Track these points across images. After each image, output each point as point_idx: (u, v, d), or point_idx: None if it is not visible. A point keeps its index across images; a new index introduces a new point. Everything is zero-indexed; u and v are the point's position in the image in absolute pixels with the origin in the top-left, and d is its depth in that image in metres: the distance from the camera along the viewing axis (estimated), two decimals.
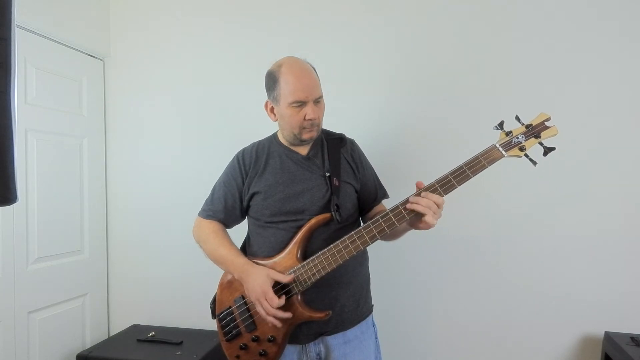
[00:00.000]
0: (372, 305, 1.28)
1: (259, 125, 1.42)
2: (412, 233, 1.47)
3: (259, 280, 1.07)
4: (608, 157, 1.52)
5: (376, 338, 1.26)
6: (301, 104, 1.10)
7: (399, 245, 1.51)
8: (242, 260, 1.14)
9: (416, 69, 1.71)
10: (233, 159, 1.26)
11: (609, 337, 1.47)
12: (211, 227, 1.24)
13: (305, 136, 1.15)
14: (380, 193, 1.28)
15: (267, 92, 1.18)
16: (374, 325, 1.27)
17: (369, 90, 1.75)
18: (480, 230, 1.66)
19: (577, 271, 1.56)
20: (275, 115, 1.18)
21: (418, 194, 1.02)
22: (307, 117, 1.11)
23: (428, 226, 1.01)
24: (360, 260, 1.22)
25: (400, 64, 1.72)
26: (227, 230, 1.28)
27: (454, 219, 1.65)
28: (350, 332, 1.17)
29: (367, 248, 1.09)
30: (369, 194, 1.26)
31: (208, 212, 1.26)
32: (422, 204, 0.99)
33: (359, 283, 1.21)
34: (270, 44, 1.85)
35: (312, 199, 1.15)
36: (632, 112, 1.50)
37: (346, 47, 1.77)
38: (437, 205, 0.99)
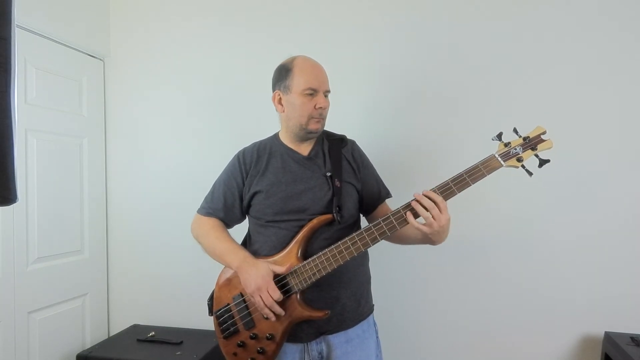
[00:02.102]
0: (373, 305, 1.28)
1: (259, 125, 1.42)
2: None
3: (261, 272, 1.08)
4: (607, 159, 1.53)
5: (377, 337, 1.26)
6: (313, 92, 1.13)
7: (400, 245, 1.51)
8: (244, 253, 1.16)
9: (417, 72, 1.71)
10: (234, 157, 1.27)
11: (609, 337, 1.47)
12: (210, 222, 1.25)
13: (312, 126, 1.16)
14: (383, 192, 1.29)
15: (275, 84, 1.20)
16: (374, 324, 1.27)
17: (370, 92, 1.75)
18: (480, 231, 1.66)
19: (577, 271, 1.56)
20: (283, 106, 1.19)
21: (408, 206, 1.05)
22: (317, 106, 1.14)
23: (431, 230, 1.02)
24: (360, 260, 1.22)
25: (401, 67, 1.72)
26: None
27: (455, 219, 1.64)
28: (352, 331, 1.18)
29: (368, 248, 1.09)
30: (372, 193, 1.26)
31: (208, 210, 1.26)
32: (425, 204, 1.01)
33: (359, 282, 1.21)
34: (270, 44, 1.85)
35: (314, 198, 1.15)
36: (631, 115, 1.50)
37: (346, 49, 1.77)
38: (436, 204, 1.01)
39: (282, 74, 1.17)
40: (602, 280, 1.54)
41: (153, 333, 1.86)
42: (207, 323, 1.71)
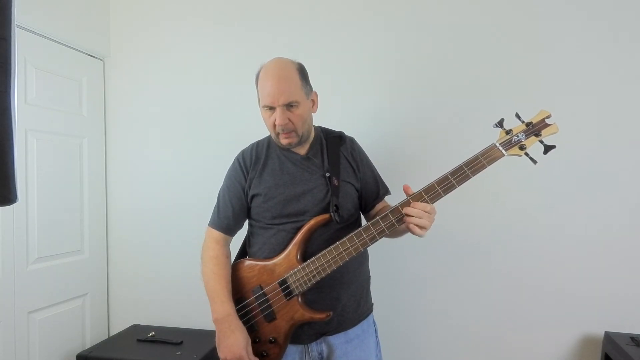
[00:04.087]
0: (372, 304, 1.28)
1: (259, 125, 1.42)
2: None
3: (239, 344, 1.07)
4: (609, 157, 1.52)
5: (377, 337, 1.26)
6: (270, 108, 1.10)
7: (399, 244, 1.51)
8: (228, 308, 1.12)
9: (416, 69, 1.71)
10: (233, 162, 1.25)
11: (609, 337, 1.47)
12: (215, 251, 1.20)
13: (282, 141, 1.14)
14: (382, 191, 1.28)
15: None
16: (374, 323, 1.27)
17: (370, 90, 1.75)
18: (479, 230, 1.66)
19: (577, 271, 1.56)
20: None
21: (407, 203, 1.02)
22: (275, 123, 1.10)
23: (419, 234, 1.01)
24: (360, 260, 1.21)
25: (400, 63, 1.72)
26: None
27: (454, 218, 1.65)
28: (352, 331, 1.17)
29: (368, 248, 1.09)
30: (371, 192, 1.25)
31: (216, 221, 1.22)
32: (413, 214, 0.99)
33: (359, 283, 1.21)
34: (271, 44, 1.85)
35: (314, 200, 1.14)
36: (632, 110, 1.50)
37: (346, 47, 1.77)
38: (427, 213, 0.99)
39: (255, 85, 1.16)
40: (602, 280, 1.54)
41: (153, 333, 1.86)
42: (207, 323, 1.71)
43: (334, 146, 1.21)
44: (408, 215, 1.00)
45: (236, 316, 1.12)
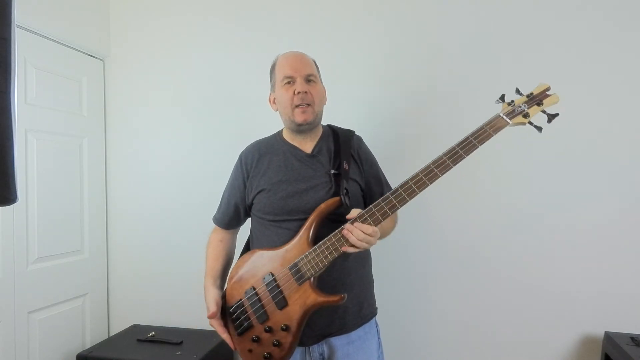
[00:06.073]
0: (376, 308, 1.27)
1: (260, 124, 1.42)
2: (414, 232, 1.45)
3: (208, 299, 1.22)
4: (608, 157, 1.52)
5: (379, 338, 1.26)
6: (290, 79, 1.15)
7: (400, 245, 1.52)
8: (206, 279, 1.28)
9: (417, 66, 1.71)
10: (237, 159, 1.28)
11: (609, 337, 1.47)
12: (216, 239, 1.32)
13: (297, 118, 1.14)
14: (386, 191, 1.28)
15: (270, 86, 1.25)
16: (376, 324, 1.26)
17: (369, 88, 1.75)
18: (480, 231, 1.65)
19: (577, 271, 1.56)
20: (275, 104, 1.22)
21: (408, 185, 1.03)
22: (295, 92, 1.13)
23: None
24: (362, 263, 1.21)
25: (401, 61, 1.72)
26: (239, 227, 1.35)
27: (454, 219, 1.65)
28: (354, 333, 1.17)
29: (370, 249, 1.08)
30: (375, 192, 1.25)
31: (217, 217, 1.32)
32: (354, 235, 1.01)
33: (362, 285, 1.21)
34: (270, 42, 1.85)
35: (316, 196, 1.14)
36: (632, 110, 1.50)
37: (344, 44, 1.77)
38: (368, 236, 1.01)
39: (271, 74, 1.23)
40: (602, 279, 1.54)
41: (153, 333, 1.86)
42: (207, 323, 1.71)
43: (341, 143, 1.22)
44: (349, 233, 1.02)
45: (208, 285, 1.26)
